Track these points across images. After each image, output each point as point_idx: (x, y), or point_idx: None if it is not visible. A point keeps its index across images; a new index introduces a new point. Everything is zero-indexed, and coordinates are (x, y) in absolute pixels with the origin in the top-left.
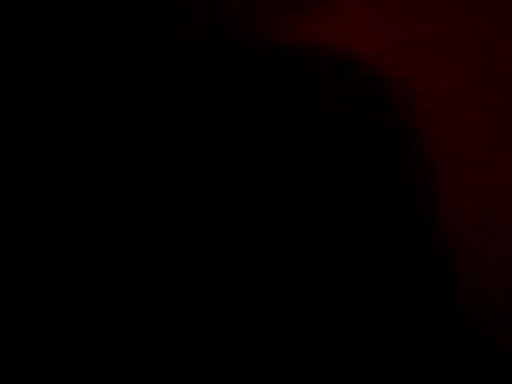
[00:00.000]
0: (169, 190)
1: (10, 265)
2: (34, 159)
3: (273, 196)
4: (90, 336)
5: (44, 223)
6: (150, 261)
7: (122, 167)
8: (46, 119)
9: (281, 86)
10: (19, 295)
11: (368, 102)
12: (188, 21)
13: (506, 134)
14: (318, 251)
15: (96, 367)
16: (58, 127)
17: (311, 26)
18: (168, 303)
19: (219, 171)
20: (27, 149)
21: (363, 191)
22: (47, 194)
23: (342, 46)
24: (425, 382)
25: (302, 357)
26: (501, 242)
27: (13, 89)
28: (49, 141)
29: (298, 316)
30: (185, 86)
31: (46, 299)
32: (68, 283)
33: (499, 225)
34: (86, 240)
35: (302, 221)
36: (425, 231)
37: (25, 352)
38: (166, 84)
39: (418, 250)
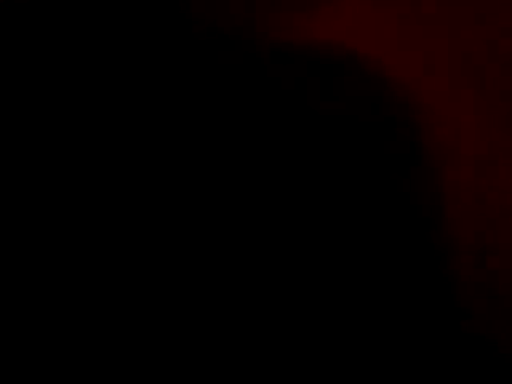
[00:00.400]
0: (169, 189)
1: (9, 264)
2: (34, 159)
3: (273, 196)
4: (89, 335)
5: (44, 223)
6: (149, 260)
7: (122, 167)
8: (46, 119)
9: (281, 86)
10: (19, 295)
11: (368, 101)
12: (188, 21)
13: (506, 133)
14: (318, 250)
15: (96, 367)
16: (58, 127)
17: (311, 26)
18: (168, 303)
19: (219, 171)
20: (27, 148)
21: (363, 191)
22: (47, 193)
23: (342, 45)
24: (425, 382)
25: (302, 357)
26: (501, 241)
27: (13, 89)
28: (49, 140)
29: (298, 315)
30: (184, 86)
31: (46, 299)
32: (68, 283)
33: (499, 225)
34: (85, 240)
35: (303, 220)
36: (425, 231)
37: (25, 352)
38: (165, 84)
39: (418, 249)
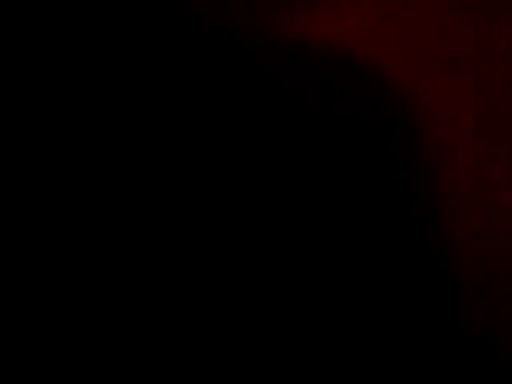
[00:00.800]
0: (169, 189)
1: (9, 265)
2: (33, 159)
3: (273, 196)
4: (89, 336)
5: (44, 223)
6: (150, 260)
7: (122, 167)
8: (46, 119)
9: (281, 86)
10: (19, 295)
11: (367, 101)
12: (188, 20)
13: (506, 134)
14: (318, 252)
15: (96, 367)
16: (58, 127)
17: (311, 26)
18: (168, 303)
19: (218, 170)
20: (27, 149)
21: (362, 191)
22: (47, 193)
23: (342, 45)
24: (424, 382)
25: (302, 357)
26: (501, 241)
27: (13, 89)
28: (49, 140)
29: (298, 316)
30: (184, 86)
31: (46, 299)
32: (68, 283)
33: (499, 225)
34: (86, 240)
35: (303, 221)
36: (424, 232)
37: (25, 352)
38: (165, 83)
39: (418, 250)
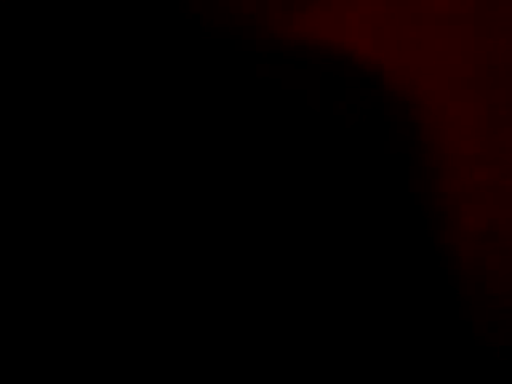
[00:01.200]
0: (168, 189)
1: (9, 265)
2: (33, 159)
3: (273, 196)
4: (89, 336)
5: (44, 223)
6: (150, 260)
7: (122, 167)
8: (47, 119)
9: (280, 86)
10: (19, 295)
11: (367, 102)
12: (187, 21)
13: (506, 133)
14: (318, 251)
15: (96, 367)
16: (58, 127)
17: (311, 26)
18: (168, 303)
19: (218, 171)
20: (27, 149)
21: (362, 191)
22: (47, 194)
23: (343, 46)
24: (424, 382)
25: (302, 356)
26: (501, 241)
27: (13, 89)
28: (49, 140)
29: (298, 315)
30: (184, 87)
31: (46, 299)
32: (68, 283)
33: (499, 224)
34: (86, 240)
35: (303, 221)
36: (425, 231)
37: (25, 352)
38: (165, 84)
39: (418, 250)
